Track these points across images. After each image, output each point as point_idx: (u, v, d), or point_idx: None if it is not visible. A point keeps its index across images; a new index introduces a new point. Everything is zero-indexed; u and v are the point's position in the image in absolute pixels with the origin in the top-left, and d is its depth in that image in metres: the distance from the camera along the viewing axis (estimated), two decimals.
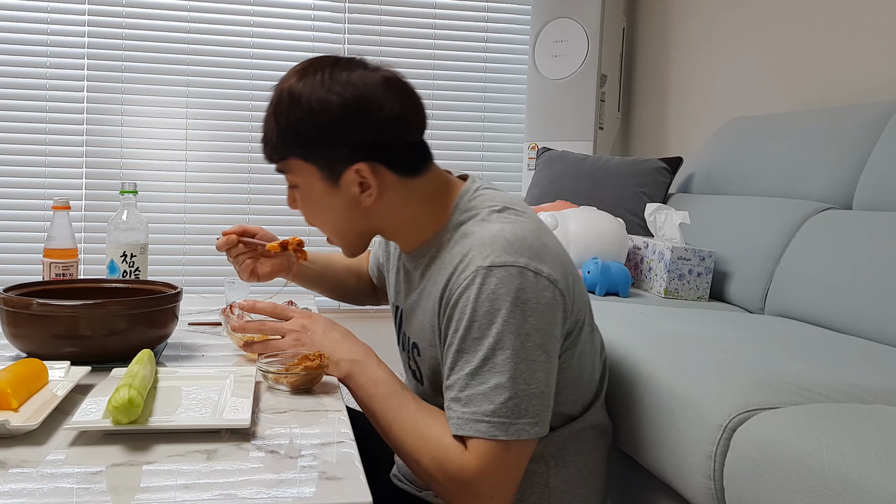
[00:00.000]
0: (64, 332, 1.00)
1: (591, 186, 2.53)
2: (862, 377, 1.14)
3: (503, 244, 0.91)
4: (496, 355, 0.89)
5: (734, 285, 1.98)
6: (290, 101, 0.95)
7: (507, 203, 0.99)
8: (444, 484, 0.91)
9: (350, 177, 0.96)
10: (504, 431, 0.88)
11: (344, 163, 0.96)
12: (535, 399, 0.90)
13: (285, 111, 0.96)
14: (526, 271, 0.90)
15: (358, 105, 0.94)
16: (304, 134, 0.95)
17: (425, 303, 1.01)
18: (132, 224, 1.47)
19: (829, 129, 1.99)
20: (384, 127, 0.95)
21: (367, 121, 0.94)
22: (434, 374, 1.02)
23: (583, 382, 1.04)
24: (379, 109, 0.94)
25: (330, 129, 0.94)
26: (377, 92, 0.94)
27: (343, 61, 0.97)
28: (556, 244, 0.99)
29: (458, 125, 3.47)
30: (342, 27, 3.31)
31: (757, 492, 0.91)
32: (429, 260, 1.02)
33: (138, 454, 0.74)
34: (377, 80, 0.95)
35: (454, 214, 1.00)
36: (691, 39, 3.00)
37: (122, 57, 3.10)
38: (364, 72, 0.96)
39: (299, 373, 0.95)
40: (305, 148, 0.96)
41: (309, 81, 0.95)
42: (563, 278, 0.94)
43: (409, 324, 1.07)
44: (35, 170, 3.05)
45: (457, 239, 0.98)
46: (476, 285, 0.90)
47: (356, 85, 0.94)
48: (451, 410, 0.91)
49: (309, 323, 1.05)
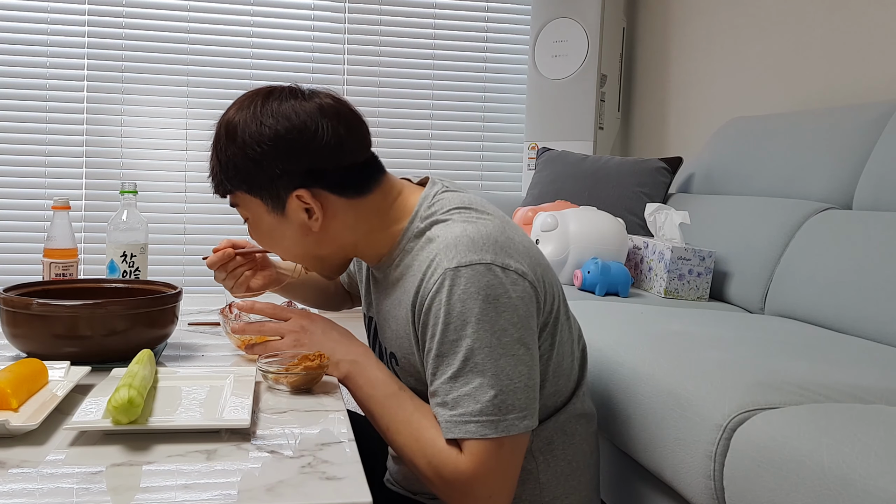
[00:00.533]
0: (64, 332, 1.00)
1: (591, 186, 2.53)
2: (862, 377, 1.14)
3: (467, 243, 0.92)
4: (475, 355, 0.89)
5: (734, 285, 1.98)
6: (226, 135, 0.98)
7: (468, 203, 1.00)
8: (442, 487, 0.91)
9: (294, 204, 0.98)
10: (494, 429, 0.88)
11: (285, 191, 0.97)
12: (521, 393, 0.90)
13: (224, 147, 0.98)
14: (493, 267, 0.90)
15: (290, 134, 0.95)
16: (241, 168, 0.97)
17: (397, 311, 1.01)
18: (132, 224, 1.47)
19: (829, 129, 1.99)
20: (319, 154, 0.97)
21: (301, 149, 0.96)
22: (416, 382, 1.02)
23: (563, 372, 1.04)
24: (311, 137, 0.96)
25: (265, 160, 0.96)
26: (308, 120, 0.96)
27: (276, 91, 0.99)
28: (522, 237, 0.99)
29: (458, 125, 3.47)
30: (342, 27, 3.31)
31: (757, 492, 0.91)
32: (395, 269, 1.02)
33: (138, 454, 0.74)
34: (310, 110, 0.97)
35: (414, 221, 1.01)
36: (691, 39, 3.00)
37: (122, 57, 3.10)
38: (296, 102, 0.97)
39: (299, 373, 0.95)
40: (247, 182, 0.99)
41: (243, 114, 0.97)
42: (531, 270, 0.95)
43: (383, 334, 1.08)
44: (35, 170, 3.05)
45: (422, 245, 0.98)
46: (446, 288, 0.90)
47: (287, 115, 0.96)
48: (439, 416, 0.91)
49: (308, 323, 1.05)
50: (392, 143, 3.40)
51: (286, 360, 0.99)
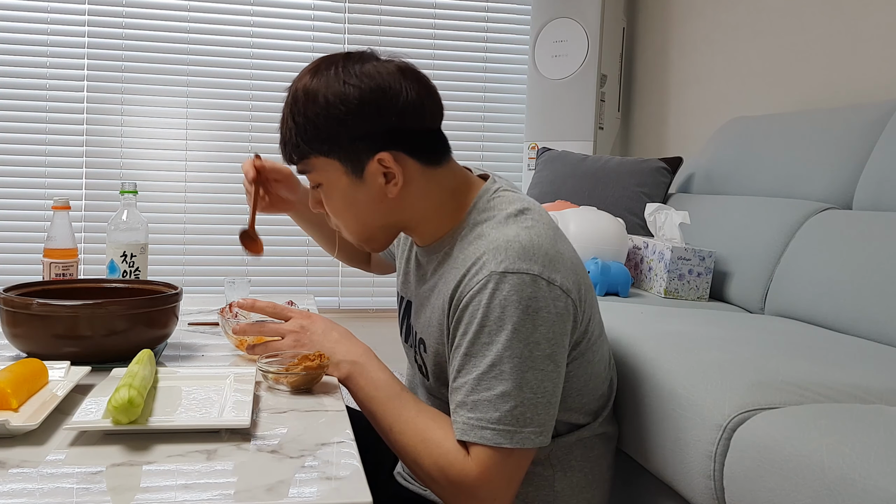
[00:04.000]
0: (64, 332, 1.00)
1: (591, 186, 2.53)
2: (862, 377, 1.14)
3: (518, 250, 0.90)
4: (504, 362, 0.88)
5: (734, 285, 1.98)
6: (305, 98, 0.95)
7: (526, 207, 0.99)
8: (445, 487, 0.91)
9: (374, 168, 0.96)
10: (509, 440, 0.88)
11: (367, 154, 0.95)
12: (542, 408, 0.90)
13: (302, 109, 0.95)
14: (539, 280, 0.89)
15: (375, 94, 0.94)
16: (323, 129, 0.95)
17: (435, 300, 1.00)
18: (132, 224, 1.47)
19: (829, 129, 1.99)
20: (403, 114, 0.95)
21: (386, 109, 0.94)
22: (440, 370, 1.02)
23: (589, 391, 1.03)
24: (396, 97, 0.94)
25: (349, 120, 0.94)
26: (392, 80, 0.95)
27: (355, 55, 0.97)
28: (571, 252, 0.98)
29: (458, 125, 3.47)
30: (342, 27, 3.31)
31: (757, 492, 0.91)
32: (442, 256, 1.01)
33: (138, 454, 0.74)
34: (391, 70, 0.96)
35: (472, 213, 1.00)
36: (691, 39, 3.00)
37: (122, 57, 3.10)
38: (377, 62, 0.96)
39: (299, 373, 0.95)
40: (326, 143, 0.96)
41: (323, 77, 0.95)
42: (575, 288, 0.94)
43: (416, 318, 1.07)
44: (35, 170, 3.05)
45: (471, 239, 0.97)
46: (488, 290, 0.89)
47: (371, 75, 0.94)
48: (457, 414, 0.91)
49: (308, 324, 1.05)
50: None
51: (286, 360, 0.99)
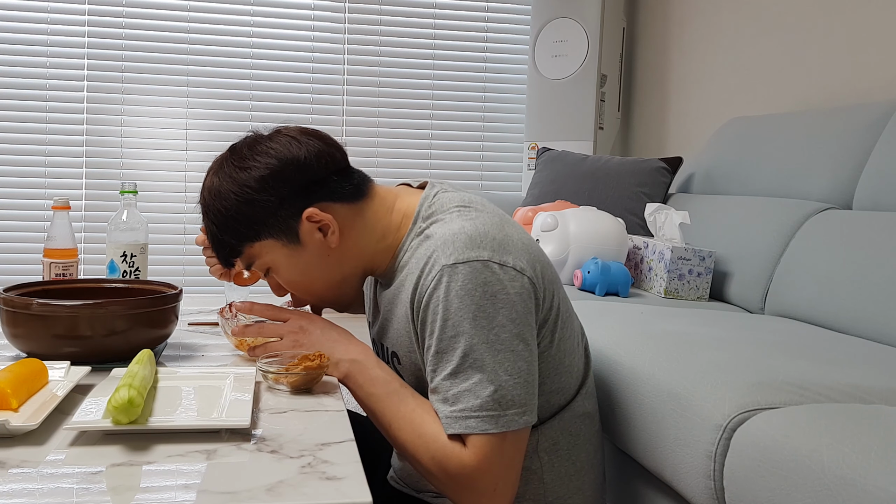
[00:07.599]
0: (64, 332, 1.00)
1: (591, 186, 2.53)
2: (862, 377, 1.14)
3: (465, 240, 0.92)
4: (474, 351, 0.90)
5: (734, 285, 1.98)
6: (213, 197, 1.01)
7: (466, 202, 1.01)
8: (446, 482, 0.92)
9: (306, 227, 1.00)
10: (494, 424, 0.89)
11: (294, 218, 0.99)
12: (520, 388, 0.91)
13: (214, 208, 1.00)
14: (490, 264, 0.91)
15: (274, 166, 0.98)
16: (242, 216, 0.99)
17: (398, 309, 1.02)
18: (132, 224, 1.47)
19: (829, 129, 1.99)
20: (308, 168, 0.99)
21: (294, 169, 0.99)
22: (417, 380, 1.02)
23: (565, 369, 1.04)
24: (294, 157, 0.99)
25: (260, 196, 0.98)
26: (284, 148, 0.99)
27: (238, 144, 1.03)
28: (521, 234, 0.99)
29: (458, 125, 3.47)
30: (342, 27, 3.31)
31: (757, 492, 0.91)
32: (399, 270, 1.03)
33: (138, 454, 0.74)
34: (282, 140, 1.00)
35: (416, 222, 1.02)
36: (691, 39, 3.00)
37: (122, 57, 3.10)
38: (264, 143, 1.01)
39: (299, 373, 0.95)
40: (251, 228, 1.00)
41: (221, 172, 1.01)
42: (530, 266, 0.95)
43: (386, 334, 1.08)
44: (35, 170, 3.05)
45: (419, 242, 0.99)
46: (444, 284, 0.91)
47: (264, 153, 0.99)
48: (440, 412, 0.92)
49: (307, 324, 1.05)
50: (392, 144, 3.40)
51: (286, 360, 0.99)
